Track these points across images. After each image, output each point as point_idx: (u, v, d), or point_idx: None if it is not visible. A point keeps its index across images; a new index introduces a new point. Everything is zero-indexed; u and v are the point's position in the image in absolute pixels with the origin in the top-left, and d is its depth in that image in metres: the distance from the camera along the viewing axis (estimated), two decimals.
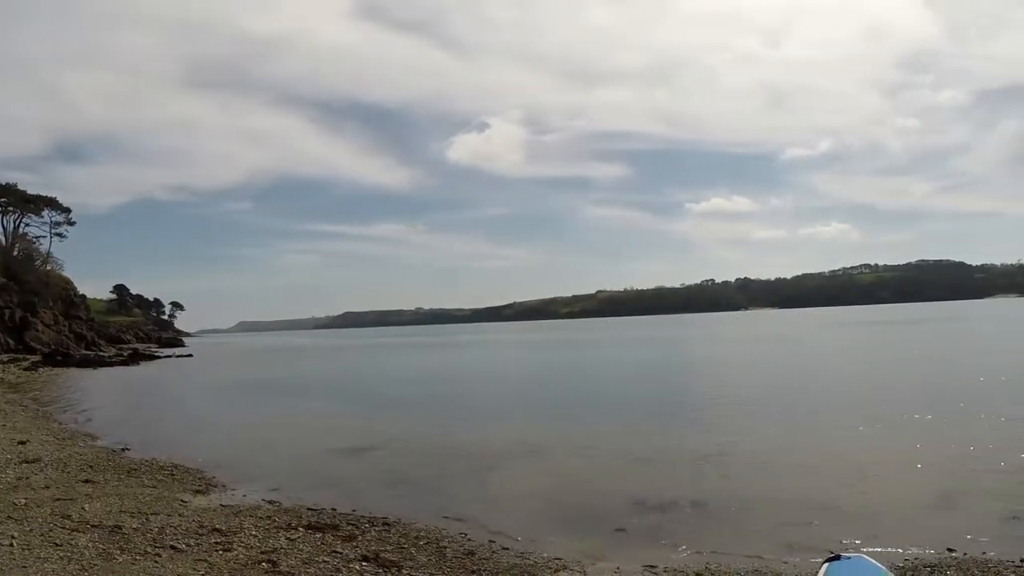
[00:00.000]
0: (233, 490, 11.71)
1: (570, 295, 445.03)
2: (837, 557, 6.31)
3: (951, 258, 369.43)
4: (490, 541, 8.67)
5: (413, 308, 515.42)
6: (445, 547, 8.32)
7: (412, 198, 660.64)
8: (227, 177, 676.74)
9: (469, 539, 8.78)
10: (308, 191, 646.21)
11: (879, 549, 7.80)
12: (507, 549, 8.38)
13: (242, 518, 9.29)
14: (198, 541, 7.90)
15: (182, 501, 10.44)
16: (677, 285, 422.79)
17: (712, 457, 13.50)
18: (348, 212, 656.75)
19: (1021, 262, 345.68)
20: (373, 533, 8.82)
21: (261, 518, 9.36)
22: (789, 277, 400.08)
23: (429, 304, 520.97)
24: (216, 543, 7.85)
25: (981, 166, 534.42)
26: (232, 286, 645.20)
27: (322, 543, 8.17)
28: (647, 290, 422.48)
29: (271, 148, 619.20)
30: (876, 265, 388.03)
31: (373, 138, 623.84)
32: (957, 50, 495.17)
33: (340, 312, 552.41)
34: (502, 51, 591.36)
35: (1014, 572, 7.12)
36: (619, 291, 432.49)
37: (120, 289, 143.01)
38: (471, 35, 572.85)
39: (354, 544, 8.19)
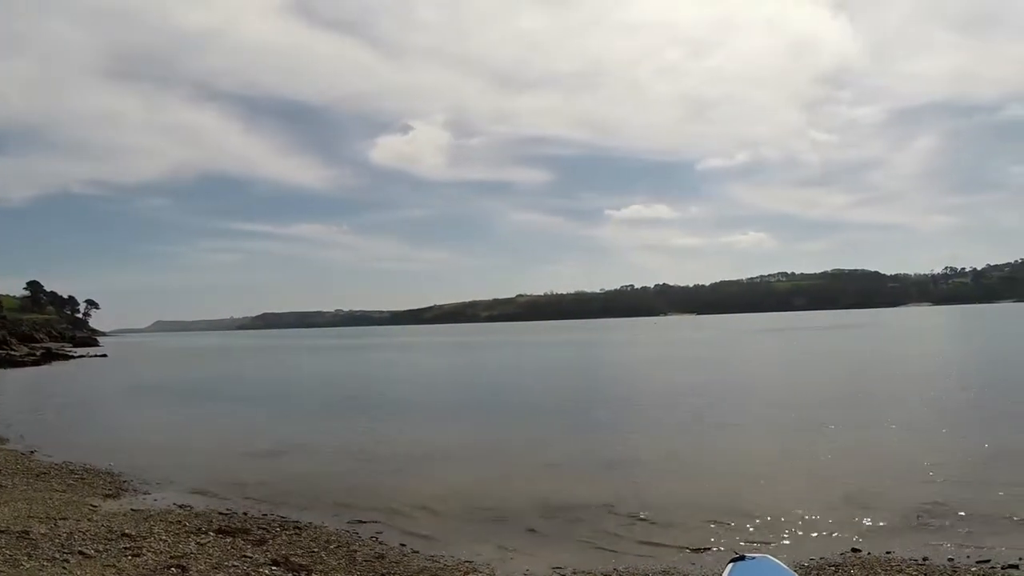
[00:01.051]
0: (144, 494, 11.68)
1: (490, 299, 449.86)
2: (742, 558, 6.33)
3: (866, 268, 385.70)
4: (401, 544, 8.81)
5: (333, 310, 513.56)
6: (355, 550, 8.44)
7: (334, 198, 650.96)
8: (147, 172, 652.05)
9: (380, 542, 8.92)
10: (229, 189, 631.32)
11: (785, 550, 8.06)
12: (417, 552, 8.52)
13: (152, 523, 9.29)
14: (107, 547, 7.92)
15: (92, 506, 10.36)
16: (597, 290, 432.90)
17: (623, 460, 13.82)
18: (269, 211, 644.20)
19: (933, 272, 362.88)
20: (284, 537, 8.91)
21: (171, 522, 9.37)
22: (708, 284, 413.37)
23: (349, 306, 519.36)
24: (125, 548, 7.88)
25: (895, 181, 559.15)
26: (149, 285, 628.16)
27: (232, 547, 8.25)
28: (567, 294, 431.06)
29: (193, 143, 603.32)
30: (793, 273, 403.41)
31: (296, 136, 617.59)
32: (876, 69, 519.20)
33: (259, 313, 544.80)
34: (430, 53, 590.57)
35: (916, 569, 7.39)
36: (539, 295, 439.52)
37: (34, 286, 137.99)
38: (400, 36, 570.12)
39: (264, 548, 8.29)
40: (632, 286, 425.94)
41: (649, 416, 19.91)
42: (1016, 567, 7.41)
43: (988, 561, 7.59)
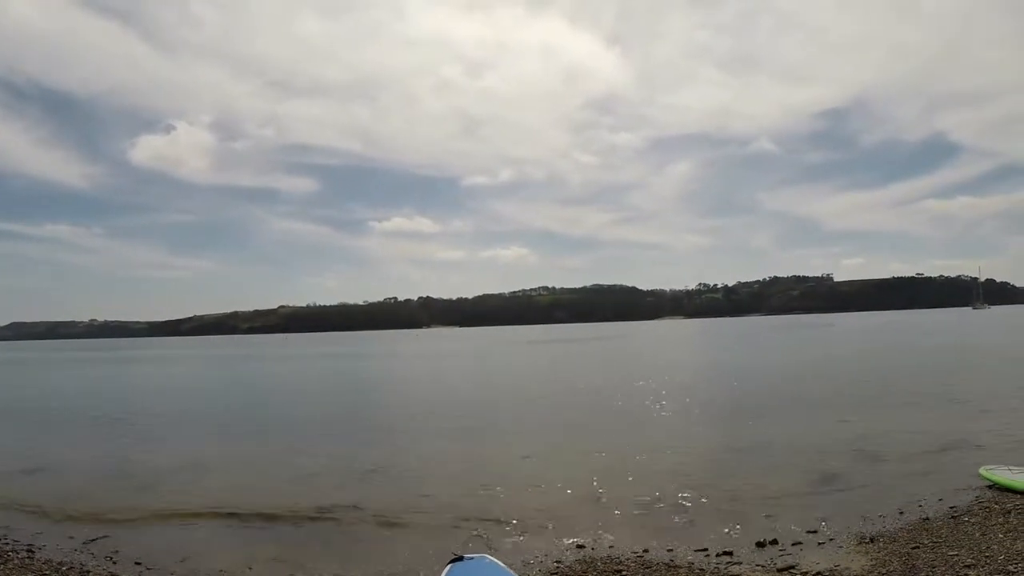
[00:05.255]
0: None
1: (251, 310, 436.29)
2: (461, 558, 6.63)
3: (624, 283, 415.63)
4: (136, 563, 9.05)
5: (87, 319, 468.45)
6: (89, 571, 8.66)
7: (90, 198, 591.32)
8: None
9: (114, 562, 9.16)
10: None
11: (511, 550, 8.63)
12: (151, 570, 8.84)
13: None
14: None
15: None
16: (360, 302, 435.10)
17: (371, 471, 14.40)
18: (21, 209, 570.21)
19: (687, 288, 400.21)
20: (16, 561, 8.92)
21: None
22: (471, 297, 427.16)
23: (104, 316, 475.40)
24: None
25: (652, 202, 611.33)
26: None
27: None
28: (330, 306, 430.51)
29: None
30: (554, 288, 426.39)
31: (55, 128, 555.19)
32: (642, 99, 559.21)
33: (8, 322, 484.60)
34: (203, 51, 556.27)
35: (635, 562, 8.09)
36: (302, 307, 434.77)
37: None
38: (175, 30, 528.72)
39: None
40: (396, 298, 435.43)
41: (407, 428, 20.80)
42: (730, 553, 8.31)
43: (705, 550, 8.53)
